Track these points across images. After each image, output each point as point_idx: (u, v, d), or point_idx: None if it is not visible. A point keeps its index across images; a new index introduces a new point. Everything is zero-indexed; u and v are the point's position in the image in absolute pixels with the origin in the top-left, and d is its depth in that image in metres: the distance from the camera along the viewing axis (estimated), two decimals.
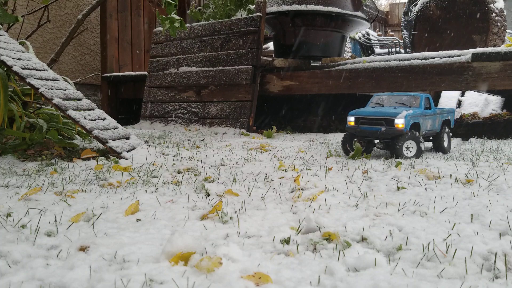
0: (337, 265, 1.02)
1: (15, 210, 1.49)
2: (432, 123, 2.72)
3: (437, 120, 2.77)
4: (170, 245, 1.05)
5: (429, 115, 2.69)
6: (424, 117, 2.65)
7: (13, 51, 2.90)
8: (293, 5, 4.61)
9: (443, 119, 2.82)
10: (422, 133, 2.64)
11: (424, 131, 2.66)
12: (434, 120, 2.74)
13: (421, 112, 2.63)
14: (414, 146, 2.55)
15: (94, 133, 2.63)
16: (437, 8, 5.46)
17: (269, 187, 1.86)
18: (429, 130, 2.73)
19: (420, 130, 2.63)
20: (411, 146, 2.54)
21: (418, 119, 2.60)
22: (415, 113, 2.58)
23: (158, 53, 5.17)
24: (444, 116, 2.83)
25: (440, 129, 2.81)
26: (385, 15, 13.26)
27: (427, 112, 2.67)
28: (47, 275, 0.97)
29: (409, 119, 2.53)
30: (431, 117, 2.71)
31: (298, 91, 4.49)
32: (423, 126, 2.64)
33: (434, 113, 2.73)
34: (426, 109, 2.68)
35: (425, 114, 2.65)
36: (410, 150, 2.54)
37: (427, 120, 2.67)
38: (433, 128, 2.75)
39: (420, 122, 2.61)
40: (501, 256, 1.05)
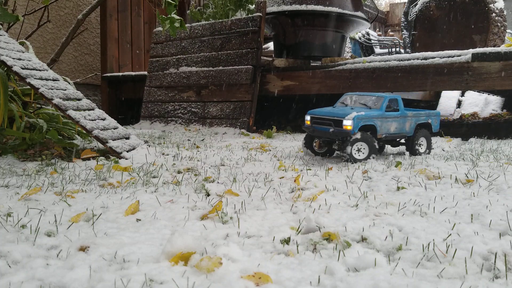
0: (337, 265, 1.02)
1: (15, 210, 1.49)
2: (398, 125, 2.61)
3: (408, 123, 2.65)
4: (170, 245, 1.05)
5: (393, 118, 2.58)
6: (384, 119, 2.55)
7: (13, 51, 2.90)
8: (293, 5, 4.60)
9: (418, 122, 2.70)
10: (382, 135, 2.55)
11: (384, 134, 2.56)
12: (402, 123, 2.62)
13: (378, 114, 2.53)
14: (366, 148, 2.48)
15: (94, 133, 2.63)
16: (437, 8, 5.46)
17: (269, 187, 1.86)
18: (394, 133, 2.61)
19: (378, 132, 2.53)
20: (363, 148, 2.48)
21: (372, 121, 2.51)
22: (368, 115, 2.49)
23: (158, 53, 5.17)
24: (420, 119, 2.71)
25: (413, 132, 2.69)
26: (385, 15, 13.26)
27: (390, 114, 2.57)
28: (47, 275, 0.97)
29: (358, 120, 2.45)
30: (397, 120, 2.59)
31: (298, 91, 4.49)
32: (383, 128, 2.55)
33: (403, 116, 2.62)
34: (392, 111, 2.59)
35: (385, 116, 2.55)
36: (362, 152, 2.48)
37: (389, 123, 2.56)
38: (402, 131, 2.64)
39: (377, 124, 2.52)
40: (501, 256, 1.05)
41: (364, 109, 2.59)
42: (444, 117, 5.34)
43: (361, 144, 2.48)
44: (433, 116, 2.82)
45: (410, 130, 2.69)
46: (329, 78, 4.30)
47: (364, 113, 2.49)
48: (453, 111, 5.49)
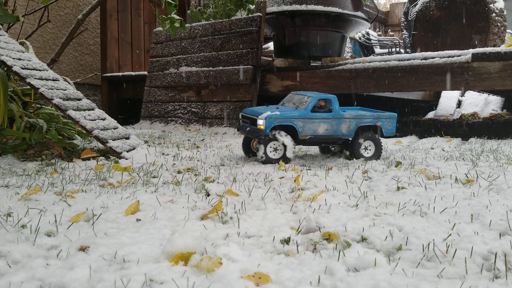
0: (337, 265, 1.02)
1: (15, 210, 1.49)
2: (330, 127, 2.52)
3: (345, 125, 2.54)
4: (170, 245, 1.05)
5: (321, 119, 2.50)
6: (309, 120, 2.48)
7: (13, 51, 2.90)
8: (293, 5, 4.60)
9: (360, 124, 2.57)
10: (305, 137, 2.49)
11: (309, 135, 2.50)
12: (335, 125, 2.53)
13: (299, 114, 2.47)
14: (282, 148, 2.45)
15: (94, 133, 2.63)
16: (437, 8, 5.46)
17: (269, 187, 1.86)
18: (324, 135, 2.53)
19: (299, 133, 2.48)
20: (279, 149, 2.45)
21: (290, 121, 2.45)
22: (284, 115, 2.44)
23: (158, 53, 5.17)
24: (363, 122, 2.57)
25: (355, 135, 2.58)
26: (385, 15, 13.26)
27: (316, 115, 2.49)
28: (47, 275, 0.97)
29: (270, 120, 2.42)
30: (327, 121, 2.51)
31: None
32: (306, 129, 2.48)
33: (335, 117, 2.52)
34: (325, 111, 2.51)
35: (309, 116, 2.48)
36: (277, 152, 2.45)
37: (315, 124, 2.49)
38: (334, 133, 2.54)
39: (298, 125, 2.46)
40: (501, 256, 1.05)
41: (290, 109, 2.55)
42: (444, 117, 5.34)
43: (275, 143, 2.44)
44: (385, 118, 2.63)
45: (348, 133, 2.56)
46: (329, 78, 4.30)
47: (280, 113, 2.45)
48: (453, 111, 5.49)
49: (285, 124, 2.47)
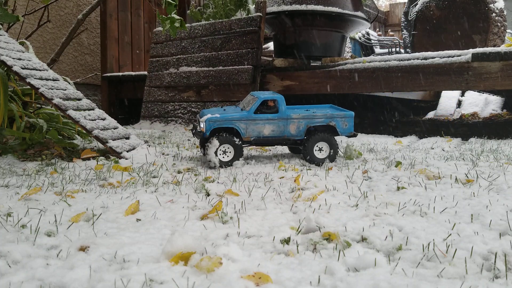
0: (337, 265, 1.02)
1: (15, 210, 1.49)
2: (276, 128, 2.48)
3: (293, 125, 2.49)
4: (170, 245, 1.05)
5: (265, 120, 2.46)
6: (252, 121, 2.45)
7: (13, 51, 2.90)
8: (293, 5, 4.60)
9: (311, 124, 2.51)
10: (250, 138, 2.47)
11: (254, 136, 2.47)
12: (282, 125, 2.48)
13: (241, 116, 2.45)
14: (231, 150, 2.43)
15: (94, 133, 2.63)
16: (437, 8, 5.46)
17: (269, 187, 1.86)
18: (269, 136, 2.49)
19: (243, 135, 2.46)
20: (229, 151, 2.43)
21: (232, 123, 2.44)
22: (225, 117, 2.43)
23: (158, 53, 5.17)
24: (314, 122, 2.51)
25: (305, 135, 2.51)
26: (385, 15, 13.26)
27: (260, 116, 2.45)
28: (47, 275, 0.97)
29: (210, 123, 2.41)
30: (272, 122, 2.47)
31: (298, 91, 4.49)
32: (250, 131, 2.46)
33: (282, 118, 2.48)
34: (272, 112, 2.48)
35: (252, 118, 2.45)
36: (227, 154, 2.43)
37: (259, 125, 2.46)
38: (281, 134, 2.49)
39: (240, 127, 2.44)
40: (501, 256, 1.05)
41: (235, 110, 2.53)
42: (444, 117, 5.34)
43: (227, 146, 2.42)
44: (340, 117, 2.55)
45: (298, 133, 2.51)
46: (329, 78, 4.30)
47: (220, 116, 2.44)
48: (453, 111, 5.49)
49: (226, 126, 2.44)
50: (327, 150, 2.51)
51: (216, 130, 2.45)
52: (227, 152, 2.43)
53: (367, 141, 3.55)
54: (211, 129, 2.43)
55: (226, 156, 2.43)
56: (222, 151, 2.42)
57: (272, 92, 2.61)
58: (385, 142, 3.47)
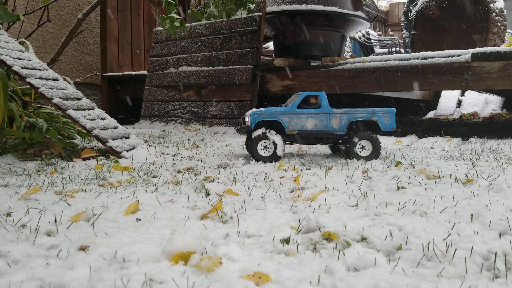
0: (337, 264, 1.02)
1: (15, 210, 1.49)
2: (318, 122, 2.55)
3: (335, 120, 2.55)
4: (170, 245, 1.05)
5: (308, 114, 2.54)
6: (295, 115, 2.54)
7: (13, 51, 2.90)
8: (293, 5, 4.60)
9: (353, 119, 2.56)
10: (293, 132, 2.55)
11: (297, 130, 2.55)
12: (324, 120, 2.55)
13: (285, 110, 2.54)
14: (271, 146, 2.51)
15: (94, 133, 2.62)
16: (437, 8, 5.46)
17: (269, 186, 1.86)
18: (313, 130, 2.56)
19: (286, 128, 2.54)
20: (270, 147, 2.50)
21: (276, 117, 2.53)
22: (269, 111, 2.53)
23: (158, 52, 5.17)
24: (356, 117, 2.56)
25: (347, 131, 2.57)
26: (385, 15, 13.26)
27: (303, 110, 2.54)
28: (47, 274, 0.97)
29: (255, 116, 2.53)
30: (315, 116, 2.54)
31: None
32: (293, 124, 2.54)
33: (323, 112, 2.54)
34: (313, 107, 2.56)
35: (295, 112, 2.54)
36: (268, 149, 2.51)
37: (302, 119, 2.54)
38: (324, 128, 2.55)
39: (283, 120, 2.53)
40: (501, 255, 1.05)
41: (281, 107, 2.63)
42: (444, 116, 5.34)
43: (266, 141, 2.50)
44: (381, 113, 2.56)
45: (340, 128, 2.56)
46: (329, 78, 4.30)
47: (264, 109, 2.54)
48: (453, 110, 5.49)
49: (270, 119, 2.54)
50: (369, 149, 2.55)
51: (261, 123, 2.54)
52: (268, 148, 2.52)
53: None
54: (256, 122, 2.52)
55: (267, 151, 2.52)
56: (263, 146, 2.51)
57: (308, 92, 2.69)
58: (385, 141, 3.47)
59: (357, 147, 2.54)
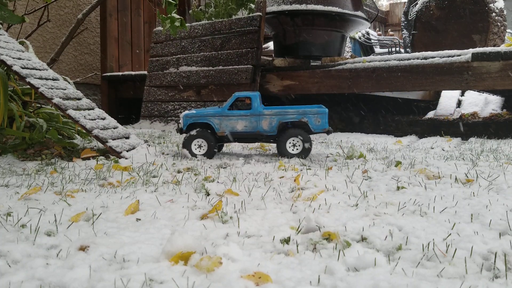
0: (337, 264, 1.02)
1: (15, 210, 1.49)
2: (248, 124, 2.60)
3: (266, 121, 2.60)
4: (170, 245, 1.05)
5: (238, 116, 2.60)
6: (225, 117, 2.60)
7: (13, 51, 2.90)
8: (293, 5, 4.60)
9: (283, 120, 2.59)
10: (223, 133, 2.62)
11: (227, 131, 2.62)
12: (254, 121, 2.59)
13: (215, 112, 2.62)
14: (205, 144, 2.61)
15: (94, 133, 2.62)
16: (437, 8, 5.46)
17: (269, 186, 1.86)
18: (242, 131, 2.62)
19: (216, 130, 2.62)
20: (203, 145, 2.61)
21: (206, 119, 2.62)
22: (200, 113, 2.63)
23: (158, 52, 5.17)
24: (286, 118, 2.59)
25: (278, 131, 2.60)
26: (385, 15, 13.26)
27: (233, 112, 2.60)
28: (47, 274, 0.97)
29: (187, 118, 2.64)
30: (245, 118, 2.60)
31: (298, 90, 4.49)
32: (224, 126, 2.61)
33: (254, 114, 2.59)
34: (245, 109, 2.61)
35: (225, 114, 2.60)
36: (202, 148, 2.61)
37: (232, 121, 2.60)
38: (254, 129, 2.61)
39: (214, 122, 2.61)
40: (501, 255, 1.05)
41: (213, 108, 2.72)
42: (444, 116, 5.34)
43: (201, 141, 2.60)
44: (312, 114, 2.58)
45: (270, 129, 2.60)
46: (329, 78, 4.30)
47: (196, 111, 2.63)
48: (453, 110, 5.49)
49: (201, 121, 2.63)
50: (300, 146, 2.58)
51: (193, 125, 2.65)
52: (202, 146, 2.61)
53: (367, 140, 3.55)
54: (188, 124, 2.64)
55: (202, 149, 2.61)
56: (197, 145, 2.61)
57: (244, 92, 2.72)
58: (385, 141, 3.47)
59: (288, 145, 2.60)
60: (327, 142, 3.53)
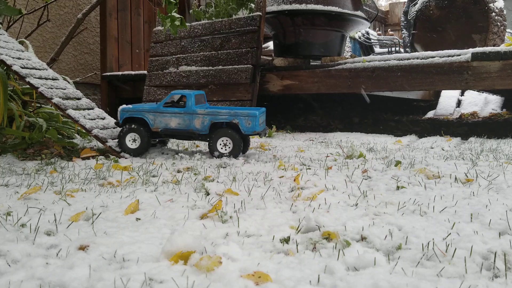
0: (336, 264, 1.02)
1: (15, 209, 1.49)
2: (181, 121, 2.66)
3: (198, 120, 2.65)
4: (170, 244, 1.05)
5: (172, 113, 2.66)
6: (160, 114, 2.67)
7: (13, 50, 2.90)
8: (293, 4, 4.60)
9: (215, 120, 2.64)
10: (158, 129, 2.68)
11: (161, 128, 2.67)
12: (187, 119, 2.66)
13: (151, 108, 2.68)
14: (139, 139, 2.66)
15: (94, 132, 2.62)
16: (437, 8, 5.46)
17: (269, 186, 1.86)
18: (175, 128, 2.68)
19: (151, 125, 2.68)
20: (137, 139, 2.66)
21: (141, 114, 2.68)
22: (136, 108, 2.70)
23: (157, 52, 5.17)
24: (217, 118, 2.63)
25: (210, 131, 2.65)
26: (385, 15, 13.25)
27: (168, 109, 2.67)
28: (47, 274, 0.97)
29: (123, 112, 2.71)
30: (179, 116, 2.66)
31: (297, 90, 4.49)
32: (158, 122, 2.67)
33: (188, 112, 2.65)
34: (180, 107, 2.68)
35: (160, 111, 2.67)
36: (135, 142, 2.67)
37: (166, 118, 2.66)
38: (187, 127, 2.67)
39: (148, 118, 2.67)
40: (501, 255, 1.05)
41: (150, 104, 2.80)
42: (444, 116, 5.34)
43: (134, 135, 2.66)
44: (243, 116, 2.60)
45: (202, 128, 2.66)
46: (328, 78, 4.30)
47: (132, 106, 2.70)
48: (452, 110, 5.49)
49: (136, 116, 2.69)
50: (230, 146, 2.63)
51: (130, 120, 2.71)
52: (136, 141, 2.67)
53: (367, 140, 3.55)
54: (124, 118, 2.71)
55: (136, 143, 2.67)
56: (132, 139, 2.67)
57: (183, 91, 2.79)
58: (384, 141, 3.47)
59: (218, 145, 2.64)
60: (327, 141, 3.53)
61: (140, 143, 2.66)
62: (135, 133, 2.66)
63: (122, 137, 2.66)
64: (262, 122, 2.76)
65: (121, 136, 2.67)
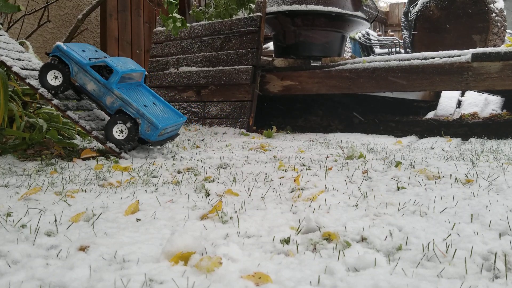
0: (337, 265, 1.02)
1: (15, 210, 1.49)
2: (97, 90, 2.65)
3: (110, 98, 2.63)
4: (170, 245, 1.05)
5: (93, 77, 2.64)
6: (83, 71, 2.65)
7: (13, 51, 2.90)
8: (293, 5, 4.61)
9: (122, 107, 2.62)
10: (75, 81, 2.69)
11: (78, 83, 2.69)
12: (102, 91, 2.64)
13: (82, 60, 2.66)
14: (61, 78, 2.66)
15: (94, 134, 2.63)
16: (437, 8, 5.46)
17: (269, 187, 1.86)
18: (89, 91, 2.68)
19: (71, 74, 2.67)
20: (59, 78, 2.67)
21: (68, 60, 2.67)
22: (68, 52, 2.65)
23: (158, 53, 5.17)
24: (125, 107, 2.62)
25: (115, 112, 2.65)
26: (385, 15, 13.26)
27: (92, 72, 2.64)
28: (47, 274, 0.97)
29: (55, 48, 2.68)
30: (97, 83, 2.64)
31: (298, 91, 4.50)
32: (78, 77, 2.68)
33: (105, 85, 2.62)
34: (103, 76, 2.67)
35: (85, 68, 2.64)
36: (58, 79, 2.67)
37: (87, 78, 2.66)
38: (98, 98, 2.67)
39: (72, 67, 2.67)
40: (501, 256, 1.05)
41: (90, 53, 2.77)
42: (444, 117, 5.34)
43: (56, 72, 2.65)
44: (146, 120, 2.60)
45: (110, 106, 2.66)
46: (329, 78, 4.30)
47: (66, 48, 2.67)
48: (453, 111, 5.49)
49: (63, 59, 2.66)
50: (125, 135, 2.61)
51: (57, 58, 2.68)
52: (58, 78, 2.66)
53: (367, 141, 3.55)
54: (53, 53, 2.68)
55: (57, 81, 2.66)
56: (53, 76, 2.66)
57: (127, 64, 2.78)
58: (385, 142, 3.47)
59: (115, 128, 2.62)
60: (327, 142, 3.53)
61: (61, 81, 2.64)
62: (58, 71, 2.64)
63: (44, 72, 2.63)
64: (170, 131, 2.76)
65: (42, 70, 2.63)
